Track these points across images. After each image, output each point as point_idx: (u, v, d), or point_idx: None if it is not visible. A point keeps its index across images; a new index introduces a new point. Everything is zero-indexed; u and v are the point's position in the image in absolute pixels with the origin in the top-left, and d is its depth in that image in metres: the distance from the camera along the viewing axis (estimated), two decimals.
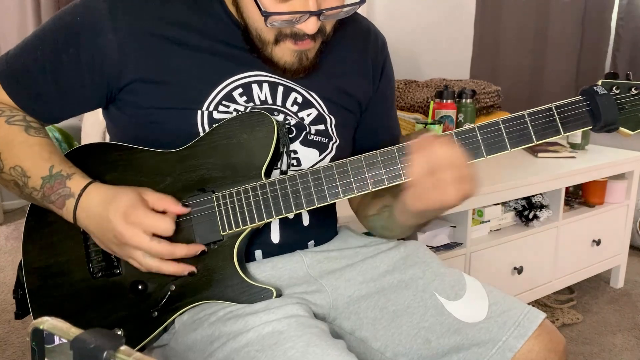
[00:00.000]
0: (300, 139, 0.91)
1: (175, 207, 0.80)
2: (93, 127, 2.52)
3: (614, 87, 0.80)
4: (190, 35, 0.86)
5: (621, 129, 0.80)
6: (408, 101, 2.13)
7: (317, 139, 0.92)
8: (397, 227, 0.94)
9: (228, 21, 0.87)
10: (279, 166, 0.88)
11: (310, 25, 0.78)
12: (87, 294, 0.86)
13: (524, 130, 0.79)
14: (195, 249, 0.82)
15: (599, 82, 0.81)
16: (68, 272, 0.87)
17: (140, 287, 0.85)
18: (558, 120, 0.79)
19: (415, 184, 0.78)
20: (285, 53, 0.84)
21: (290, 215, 0.84)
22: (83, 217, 0.80)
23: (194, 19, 0.86)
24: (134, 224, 0.76)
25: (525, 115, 0.79)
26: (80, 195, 0.80)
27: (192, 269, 0.82)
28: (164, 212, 0.80)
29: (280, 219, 0.88)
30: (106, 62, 0.83)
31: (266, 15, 0.77)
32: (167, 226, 0.78)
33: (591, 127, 0.80)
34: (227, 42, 0.87)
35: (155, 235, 0.77)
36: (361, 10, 1.04)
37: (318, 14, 0.77)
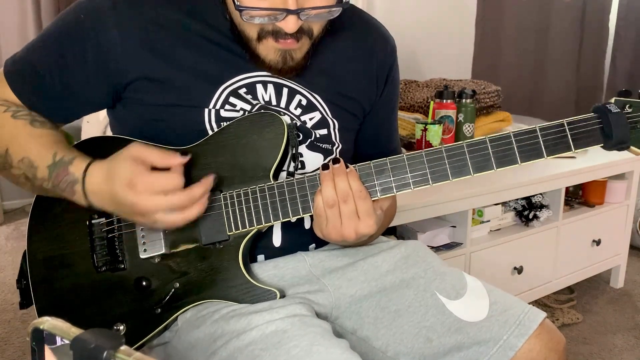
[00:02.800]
0: (307, 143, 0.91)
1: (177, 160, 0.77)
2: (93, 127, 2.52)
3: (627, 106, 0.79)
4: (195, 31, 0.85)
5: (632, 148, 0.79)
6: (408, 101, 2.13)
7: (322, 146, 0.92)
8: None
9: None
10: (286, 168, 0.88)
11: (289, 24, 0.77)
12: (91, 287, 0.86)
13: (535, 145, 0.78)
14: (208, 181, 0.78)
15: (612, 100, 0.80)
16: (72, 264, 0.87)
17: (144, 283, 0.85)
18: (569, 137, 0.78)
19: (315, 214, 0.81)
20: (269, 51, 0.83)
21: (293, 219, 0.84)
22: (95, 199, 0.79)
23: (199, 16, 0.86)
24: (144, 191, 0.74)
25: (537, 130, 0.78)
26: (84, 179, 0.79)
27: (207, 197, 0.79)
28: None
29: (282, 222, 0.87)
30: (111, 58, 0.83)
31: (240, 9, 0.76)
32: (176, 181, 0.75)
33: (602, 144, 0.79)
34: (233, 39, 0.86)
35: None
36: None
37: (297, 12, 0.76)
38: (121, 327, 0.85)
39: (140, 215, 0.76)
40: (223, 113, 0.86)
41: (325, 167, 0.80)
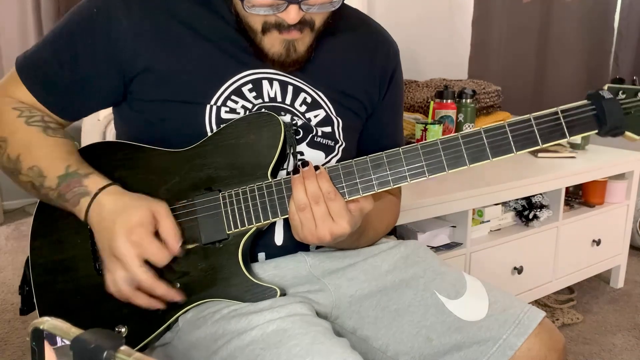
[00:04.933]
0: (307, 140, 0.91)
1: (174, 248, 0.79)
2: (93, 127, 2.52)
3: (620, 92, 0.80)
4: (202, 26, 0.86)
5: (627, 133, 0.80)
6: (408, 101, 2.13)
7: (323, 142, 0.92)
8: None
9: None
10: (285, 167, 0.89)
11: (291, 15, 0.78)
12: (93, 290, 0.86)
13: (530, 133, 0.79)
14: (173, 297, 0.81)
15: (605, 87, 0.80)
16: (74, 268, 0.87)
17: None
18: (564, 124, 0.79)
19: (290, 219, 0.81)
20: (274, 43, 0.83)
21: None
22: (94, 215, 0.80)
23: (210, 6, 0.87)
24: (134, 244, 0.76)
25: (532, 118, 0.79)
26: (96, 194, 0.80)
27: (160, 306, 0.81)
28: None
29: (284, 220, 0.88)
30: (120, 50, 0.84)
31: None
32: (163, 259, 0.77)
33: (597, 131, 0.79)
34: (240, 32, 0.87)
35: (146, 262, 0.77)
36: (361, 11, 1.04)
37: (298, 2, 0.76)
38: (123, 329, 0.85)
39: (111, 255, 0.78)
40: (223, 114, 0.87)
41: (295, 171, 0.80)
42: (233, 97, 0.87)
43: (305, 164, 0.79)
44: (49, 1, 3.00)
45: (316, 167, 0.79)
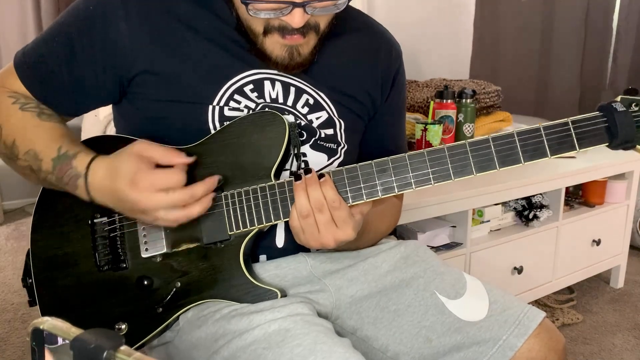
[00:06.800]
0: (310, 142, 0.91)
1: (181, 159, 0.78)
2: (93, 126, 2.52)
3: (633, 104, 0.77)
4: (203, 26, 0.86)
5: (638, 147, 0.78)
6: (408, 101, 2.13)
7: (326, 145, 0.92)
8: None
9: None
10: (288, 167, 0.88)
11: (295, 18, 0.76)
12: (93, 286, 0.86)
13: (538, 144, 0.77)
14: (212, 181, 0.79)
15: (618, 98, 0.78)
16: (75, 263, 0.87)
17: (145, 282, 0.85)
18: (574, 136, 0.77)
19: (290, 225, 0.80)
20: (275, 46, 0.82)
21: None
22: (97, 195, 0.80)
23: (209, 7, 0.86)
24: (146, 188, 0.74)
25: (541, 128, 0.77)
26: (86, 174, 0.79)
27: (210, 201, 0.79)
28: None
29: (285, 223, 0.87)
30: (118, 51, 0.84)
31: (246, 3, 0.76)
32: (178, 178, 0.76)
33: (607, 144, 0.77)
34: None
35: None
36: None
37: (302, 5, 0.75)
38: (123, 327, 0.85)
39: (141, 212, 0.77)
40: (227, 112, 0.87)
41: (297, 177, 0.79)
42: (236, 96, 0.87)
43: (308, 170, 0.79)
44: (49, 1, 3.00)
45: (321, 175, 0.79)
